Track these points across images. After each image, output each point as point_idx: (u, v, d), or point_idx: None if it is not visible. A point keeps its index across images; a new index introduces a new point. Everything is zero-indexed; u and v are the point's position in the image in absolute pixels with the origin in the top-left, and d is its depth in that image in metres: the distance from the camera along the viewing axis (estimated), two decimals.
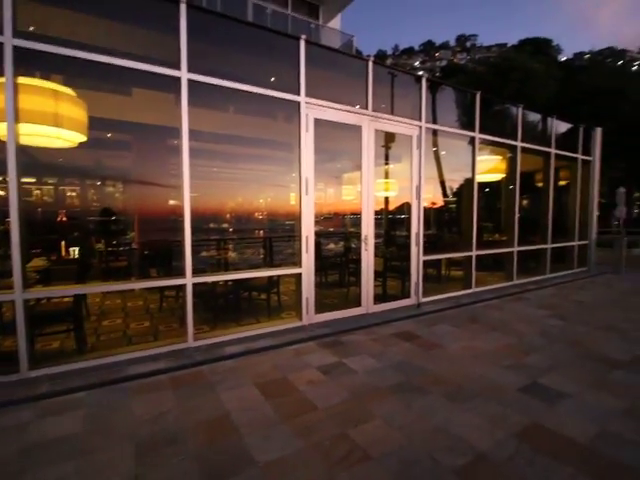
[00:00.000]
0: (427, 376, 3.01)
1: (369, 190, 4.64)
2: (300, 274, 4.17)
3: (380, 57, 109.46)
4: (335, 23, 13.97)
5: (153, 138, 6.35)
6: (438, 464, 1.96)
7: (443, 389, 2.78)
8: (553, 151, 7.12)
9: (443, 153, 6.81)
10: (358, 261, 4.76)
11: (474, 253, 5.85)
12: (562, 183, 8.20)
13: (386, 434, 2.23)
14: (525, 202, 8.32)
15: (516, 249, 6.51)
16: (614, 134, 20.94)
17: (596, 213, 8.20)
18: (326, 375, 3.04)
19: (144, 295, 5.56)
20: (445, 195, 8.53)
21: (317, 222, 6.22)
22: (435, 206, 8.48)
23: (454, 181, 8.13)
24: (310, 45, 4.14)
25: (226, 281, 4.56)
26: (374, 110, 4.68)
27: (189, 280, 3.47)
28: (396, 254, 6.00)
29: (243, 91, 3.74)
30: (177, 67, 3.37)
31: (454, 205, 8.83)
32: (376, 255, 4.95)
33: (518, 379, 2.94)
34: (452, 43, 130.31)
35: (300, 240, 4.16)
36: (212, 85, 3.56)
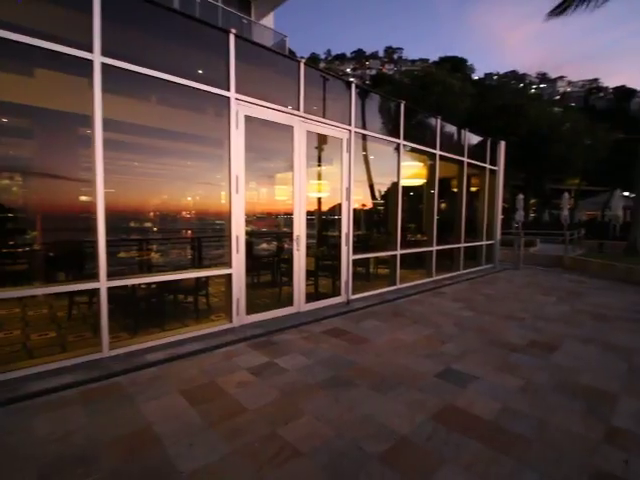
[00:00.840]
0: (355, 369, 3.14)
1: (301, 190, 4.69)
2: (230, 275, 4.05)
3: (313, 60, 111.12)
4: (268, 22, 13.84)
5: (61, 125, 5.65)
6: (364, 452, 2.05)
7: (369, 381, 2.92)
8: (466, 160, 7.92)
9: (372, 157, 7.17)
10: (290, 261, 4.79)
11: (398, 252, 6.25)
12: (473, 189, 9.17)
13: (315, 429, 2.27)
14: (444, 205, 9.12)
15: (435, 248, 7.11)
16: (516, 147, 24.00)
17: (500, 216, 9.32)
18: (256, 376, 3.00)
19: (50, 302, 4.92)
20: (374, 197, 8.97)
21: (250, 222, 6.09)
22: (365, 208, 8.86)
23: (382, 184, 8.60)
24: (240, 40, 4.05)
25: (149, 284, 4.25)
26: (306, 111, 4.75)
27: (103, 284, 3.16)
28: (327, 254, 6.14)
29: (168, 81, 3.53)
30: (89, 49, 3.05)
31: (382, 207, 9.34)
32: (308, 255, 5.02)
33: (435, 366, 3.22)
34: (381, 54, 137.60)
35: (230, 240, 4.04)
36: (131, 72, 3.29)
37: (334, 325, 4.41)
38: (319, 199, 8.04)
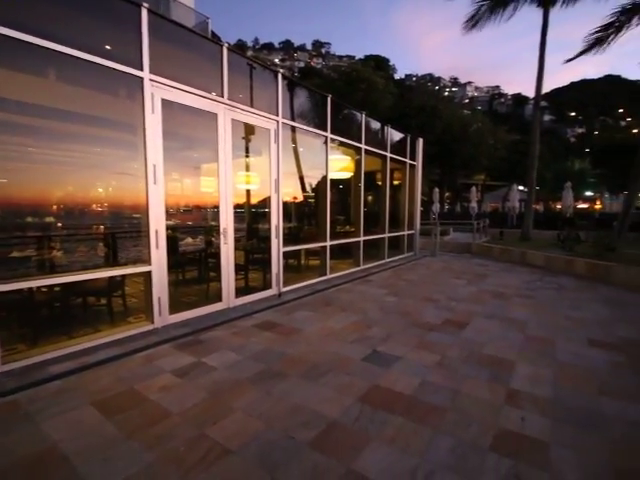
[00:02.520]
0: (286, 361, 3.15)
1: (227, 182, 4.51)
2: (150, 272, 3.75)
3: (240, 48, 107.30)
4: (189, 2, 12.95)
5: None
6: (295, 441, 2.07)
7: (301, 370, 2.96)
8: (388, 155, 8.37)
9: (302, 150, 7.19)
10: (218, 255, 4.60)
11: (328, 243, 6.40)
12: (396, 183, 9.75)
13: (246, 425, 2.23)
14: (371, 198, 9.57)
15: (362, 239, 7.43)
16: (432, 145, 26.06)
17: (420, 208, 10.08)
18: (182, 378, 2.84)
19: None
20: (304, 190, 9.03)
21: (173, 215, 5.69)
22: (297, 200, 8.88)
23: (312, 177, 8.68)
24: (155, 16, 3.71)
25: (51, 286, 3.73)
26: (231, 99, 4.56)
27: None
28: (258, 247, 6.04)
29: (70, 56, 3.09)
30: None
31: (313, 200, 9.46)
32: (238, 248, 4.87)
33: (362, 350, 3.38)
34: (309, 47, 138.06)
35: (149, 235, 3.74)
36: (17, 40, 2.82)
37: (266, 318, 4.37)
38: (248, 191, 7.85)
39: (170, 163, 4.61)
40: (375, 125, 8.43)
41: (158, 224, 3.78)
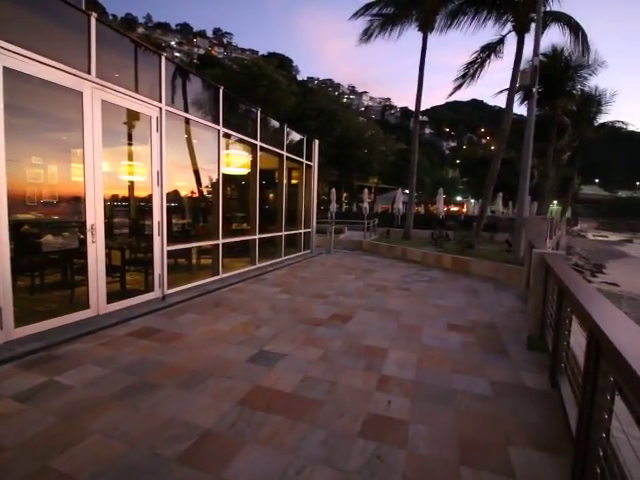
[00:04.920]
0: (162, 370, 2.89)
1: (96, 170, 3.94)
2: None
3: (128, 23, 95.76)
4: None
5: None
6: (160, 458, 1.90)
7: (177, 379, 2.75)
8: (285, 154, 8.44)
9: (196, 142, 6.73)
10: (85, 255, 3.98)
11: (220, 241, 6.14)
12: (294, 182, 9.91)
13: (103, 449, 1.96)
14: (272, 196, 9.52)
15: (258, 237, 7.34)
16: (332, 147, 27.28)
17: (316, 207, 10.43)
18: (25, 403, 2.37)
19: None
20: (200, 185, 8.49)
21: (31, 207, 4.85)
22: (192, 195, 8.30)
23: (209, 172, 8.22)
24: None
25: None
26: (101, 78, 3.99)
27: None
28: (138, 245, 5.45)
29: None
30: None
31: (210, 195, 8.97)
32: (114, 247, 4.29)
33: (248, 351, 3.31)
34: (210, 34, 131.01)
35: None
36: None
37: (144, 324, 3.96)
38: (132, 183, 7.03)
39: (21, 144, 3.83)
40: (272, 123, 8.41)
41: None
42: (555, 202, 33.97)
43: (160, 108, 4.77)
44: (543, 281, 3.67)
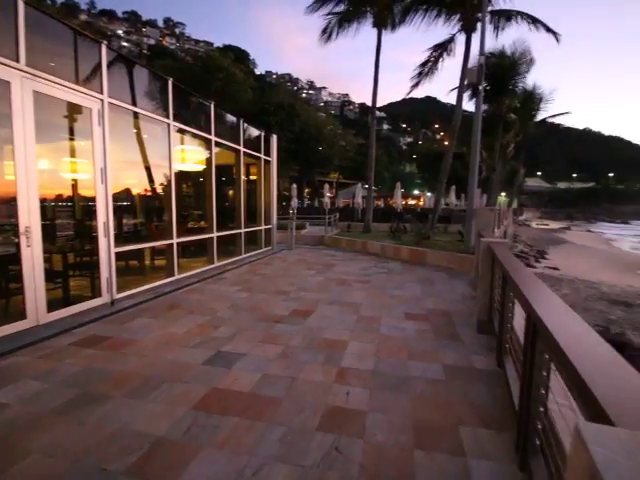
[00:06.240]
0: (111, 380, 2.72)
1: (28, 168, 3.61)
2: None
3: (70, 8, 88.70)
4: None
5: None
6: (107, 473, 1.79)
7: (128, 388, 2.60)
8: (242, 149, 8.24)
9: (147, 137, 6.38)
10: (20, 261, 3.64)
11: (175, 241, 5.89)
12: (253, 177, 9.72)
13: (41, 470, 1.81)
14: (230, 192, 9.26)
15: (215, 235, 7.13)
16: (292, 142, 27.07)
17: (276, 203, 10.31)
18: None
19: None
20: (152, 182, 8.07)
21: None
22: (145, 193, 7.87)
23: (162, 168, 7.84)
24: None
25: None
26: (32, 66, 3.65)
27: None
28: (82, 248, 5.09)
29: None
30: None
31: (163, 193, 8.55)
32: (52, 251, 3.96)
33: (205, 353, 3.21)
34: (160, 24, 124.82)
35: None
36: None
37: (91, 332, 3.70)
38: (75, 182, 6.53)
39: None
40: (229, 118, 8.18)
41: None
42: (503, 194, 36.21)
43: (102, 100, 4.45)
44: (490, 268, 3.88)
